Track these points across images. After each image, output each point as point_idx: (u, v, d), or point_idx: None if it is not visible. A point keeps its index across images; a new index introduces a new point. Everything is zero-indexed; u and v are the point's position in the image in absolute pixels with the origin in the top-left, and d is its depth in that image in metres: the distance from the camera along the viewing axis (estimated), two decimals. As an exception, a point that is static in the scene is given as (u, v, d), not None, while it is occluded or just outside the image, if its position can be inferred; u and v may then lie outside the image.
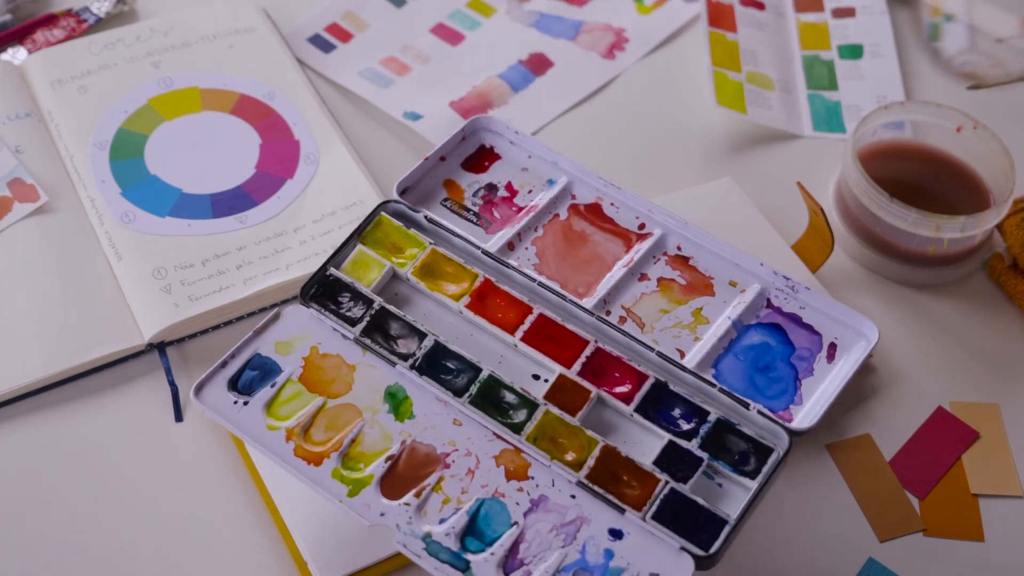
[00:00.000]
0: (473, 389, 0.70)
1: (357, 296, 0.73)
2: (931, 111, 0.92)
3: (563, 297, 0.74)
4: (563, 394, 0.71)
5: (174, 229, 0.88)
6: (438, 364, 0.71)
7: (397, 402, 0.70)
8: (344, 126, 0.97)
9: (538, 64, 1.03)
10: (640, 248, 0.77)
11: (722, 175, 0.95)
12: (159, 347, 0.83)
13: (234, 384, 0.69)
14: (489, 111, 0.99)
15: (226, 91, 0.97)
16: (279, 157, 0.93)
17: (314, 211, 0.90)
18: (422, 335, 0.72)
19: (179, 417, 0.81)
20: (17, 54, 1.00)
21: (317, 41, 1.04)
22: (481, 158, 0.80)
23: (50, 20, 1.03)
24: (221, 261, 0.87)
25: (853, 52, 1.05)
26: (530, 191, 0.79)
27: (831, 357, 0.73)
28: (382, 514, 0.65)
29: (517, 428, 0.69)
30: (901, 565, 0.76)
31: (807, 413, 0.71)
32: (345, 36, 1.05)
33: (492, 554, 0.64)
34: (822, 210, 0.84)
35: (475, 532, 0.65)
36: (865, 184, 0.87)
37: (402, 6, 1.07)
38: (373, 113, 0.99)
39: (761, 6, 1.07)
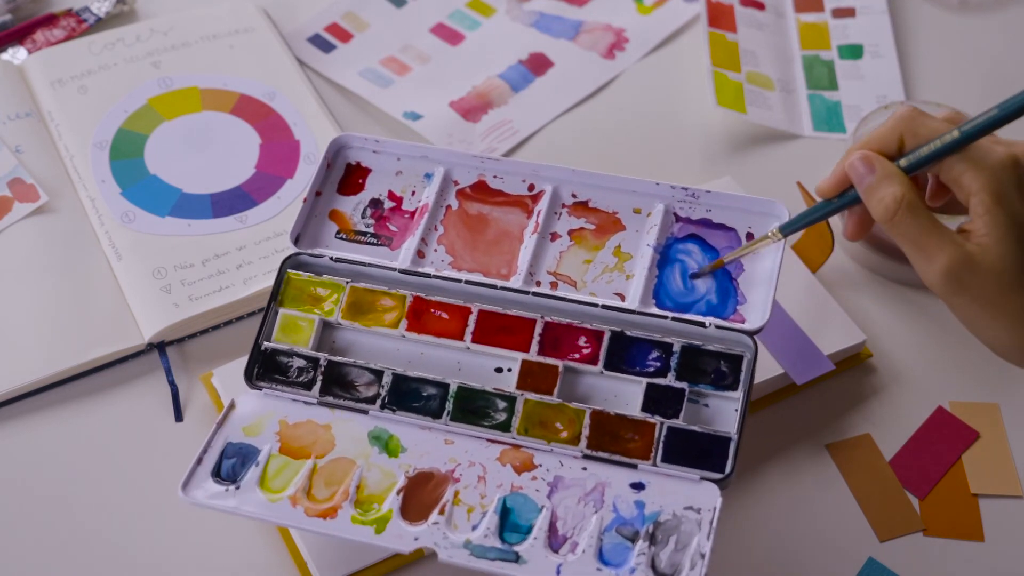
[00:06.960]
0: (449, 406, 0.70)
1: (300, 359, 0.72)
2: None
3: (494, 287, 0.74)
4: (532, 378, 0.71)
5: (174, 229, 0.88)
6: (405, 394, 0.71)
7: (384, 442, 0.70)
8: (344, 126, 0.97)
9: (538, 64, 1.03)
10: (539, 209, 0.76)
11: (722, 175, 0.95)
12: (159, 347, 0.83)
13: (217, 475, 0.68)
14: (489, 111, 0.99)
15: (226, 91, 0.97)
16: (279, 157, 0.93)
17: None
18: (378, 373, 0.72)
19: (179, 417, 0.81)
20: (17, 54, 1.00)
21: (317, 41, 1.04)
22: (354, 177, 0.78)
23: (50, 20, 1.03)
24: (221, 261, 0.87)
25: (853, 52, 1.05)
26: (413, 192, 0.77)
27: None
28: (416, 539, 0.65)
29: (505, 426, 0.70)
30: (901, 565, 0.76)
31: (755, 309, 0.72)
32: (345, 36, 1.05)
33: (535, 539, 0.65)
34: (822, 210, 0.84)
35: (510, 527, 0.66)
36: (865, 184, 0.87)
37: (402, 6, 1.07)
38: (373, 113, 0.99)
39: (761, 6, 1.07)
